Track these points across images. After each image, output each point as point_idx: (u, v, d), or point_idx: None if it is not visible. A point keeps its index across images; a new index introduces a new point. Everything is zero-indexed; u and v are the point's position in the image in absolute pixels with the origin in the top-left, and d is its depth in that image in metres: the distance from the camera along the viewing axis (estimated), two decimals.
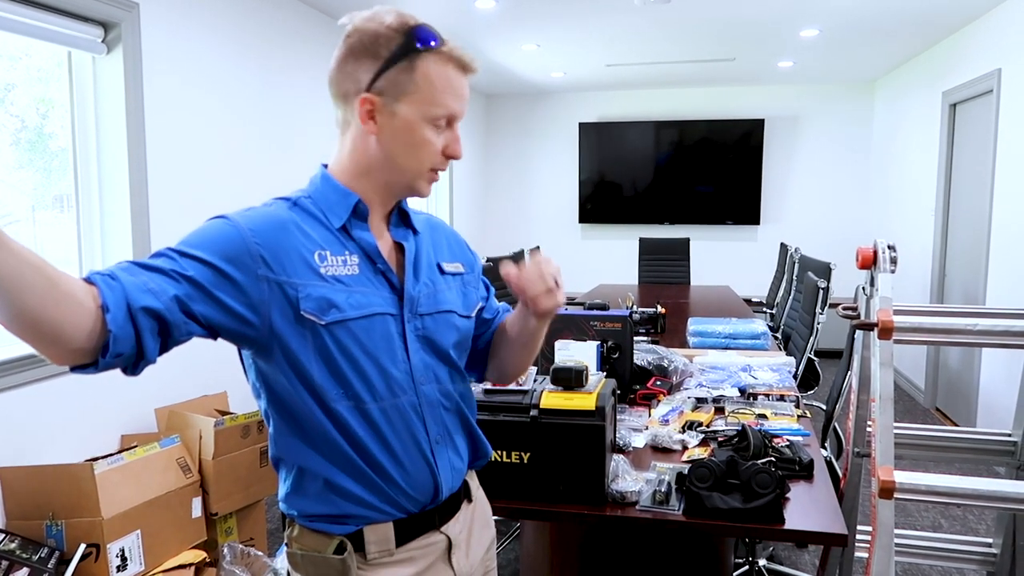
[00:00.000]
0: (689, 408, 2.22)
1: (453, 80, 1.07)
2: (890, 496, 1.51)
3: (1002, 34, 4.18)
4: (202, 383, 3.21)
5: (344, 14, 1.11)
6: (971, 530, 3.32)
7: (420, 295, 1.13)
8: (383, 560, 1.11)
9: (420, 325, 1.13)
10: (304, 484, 1.10)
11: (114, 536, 2.24)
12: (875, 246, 1.71)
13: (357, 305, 1.05)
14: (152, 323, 0.90)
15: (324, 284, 1.03)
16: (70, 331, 0.83)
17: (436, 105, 1.06)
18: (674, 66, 6.10)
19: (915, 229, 5.55)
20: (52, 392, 2.52)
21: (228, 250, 0.99)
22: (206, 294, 0.96)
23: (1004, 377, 4.02)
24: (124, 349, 0.88)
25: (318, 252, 1.05)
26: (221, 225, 1.01)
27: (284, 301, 1.01)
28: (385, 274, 1.10)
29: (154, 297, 0.90)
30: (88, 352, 0.86)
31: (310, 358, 1.03)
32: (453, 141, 1.10)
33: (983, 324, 1.58)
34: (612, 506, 1.61)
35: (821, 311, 3.20)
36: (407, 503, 1.11)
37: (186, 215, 3.15)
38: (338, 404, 1.05)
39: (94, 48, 2.76)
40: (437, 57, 1.05)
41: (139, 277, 0.91)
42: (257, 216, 1.04)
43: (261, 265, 1.00)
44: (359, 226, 1.10)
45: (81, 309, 0.83)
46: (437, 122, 1.07)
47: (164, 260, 0.96)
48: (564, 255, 7.54)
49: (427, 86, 1.05)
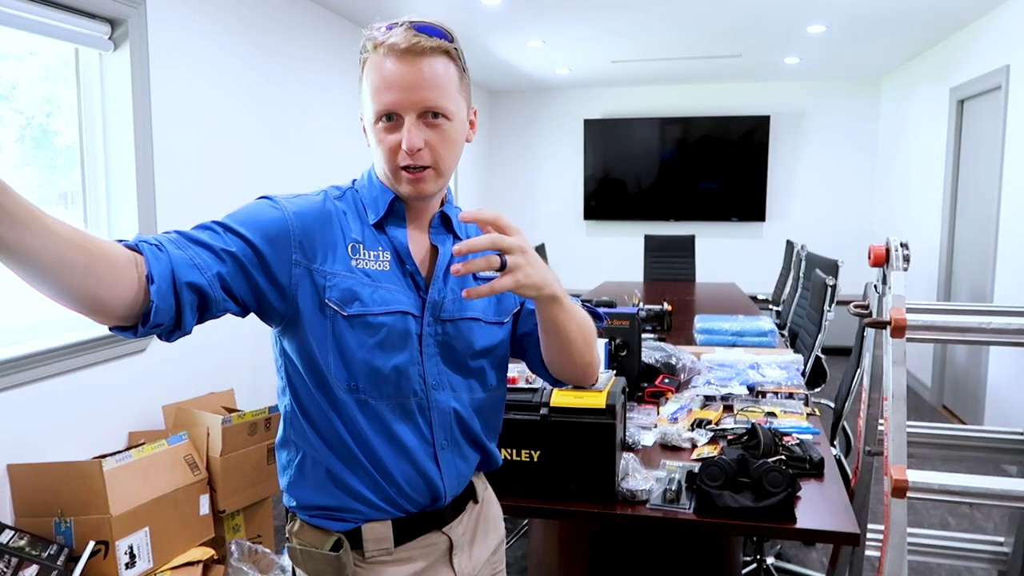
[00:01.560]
0: (698, 406, 2.22)
1: (381, 72, 1.02)
2: (903, 495, 1.51)
3: (1011, 30, 4.16)
4: (209, 381, 3.21)
5: (350, 11, 1.11)
6: (979, 528, 3.31)
7: (444, 300, 1.12)
8: (381, 559, 1.10)
9: (440, 331, 1.11)
10: (306, 471, 1.10)
11: (123, 533, 2.24)
12: (888, 244, 1.70)
13: (380, 301, 1.06)
14: (194, 297, 0.92)
15: (352, 276, 1.05)
16: (112, 303, 0.85)
17: (372, 103, 1.04)
18: (680, 62, 6.08)
19: (922, 226, 5.53)
20: (60, 389, 2.53)
21: (269, 231, 1.01)
22: (244, 272, 0.98)
23: (1012, 375, 4.00)
24: (163, 320, 0.90)
25: (352, 244, 1.07)
26: (267, 206, 1.04)
27: (311, 287, 1.03)
28: (412, 275, 1.10)
29: (199, 273, 0.93)
30: (129, 318, 0.88)
31: (328, 346, 1.04)
32: (405, 133, 1.01)
33: (997, 322, 1.57)
34: (622, 505, 1.60)
35: (829, 308, 3.18)
36: (406, 503, 1.11)
37: (193, 212, 3.14)
38: (346, 396, 1.06)
39: (101, 45, 2.76)
40: (374, 54, 1.04)
41: (187, 251, 0.93)
42: (303, 203, 1.06)
43: (296, 250, 1.02)
44: (394, 224, 1.11)
45: (123, 280, 0.85)
46: (379, 120, 1.04)
47: (210, 235, 0.98)
48: (569, 252, 7.53)
49: (369, 88, 1.05)
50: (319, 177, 4.08)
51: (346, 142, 4.46)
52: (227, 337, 3.32)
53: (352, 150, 4.50)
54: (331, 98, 4.31)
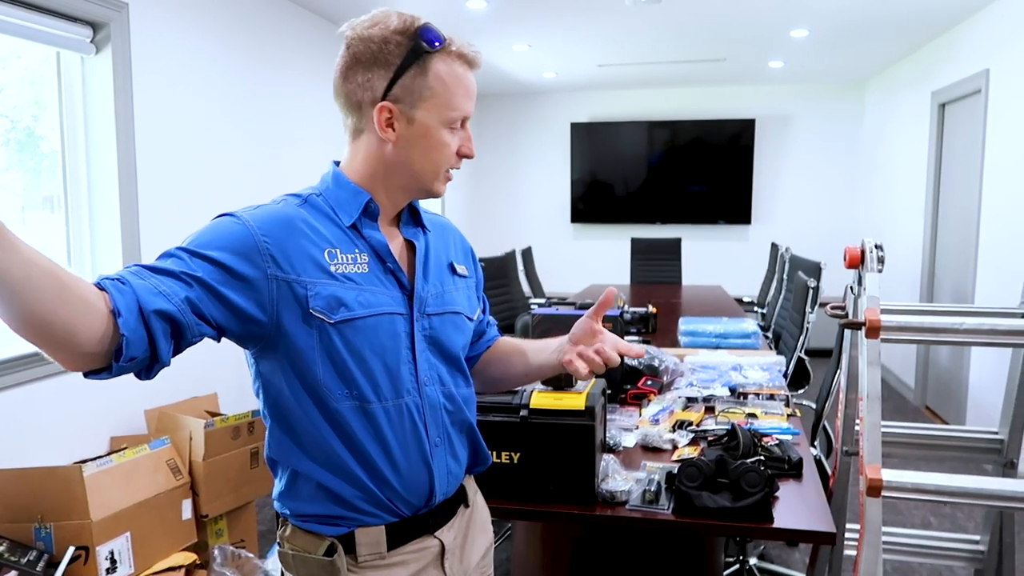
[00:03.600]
0: (679, 407, 2.23)
1: (463, 79, 1.08)
2: (877, 494, 1.52)
3: (990, 35, 4.21)
4: (192, 384, 3.20)
5: (335, 15, 1.12)
6: (960, 528, 3.34)
7: (429, 295, 1.13)
8: (374, 563, 1.10)
9: (428, 325, 1.12)
10: (297, 486, 1.10)
11: (103, 538, 2.23)
12: (863, 245, 1.72)
13: (366, 304, 1.05)
14: (164, 325, 0.90)
15: (334, 282, 1.03)
16: (82, 335, 0.82)
17: (451, 108, 1.07)
18: (665, 66, 6.11)
19: (905, 228, 5.58)
20: (41, 394, 2.51)
21: (238, 248, 0.98)
22: (215, 294, 0.96)
23: (993, 376, 4.04)
24: (137, 353, 0.87)
25: (328, 250, 1.05)
26: (229, 223, 1.01)
27: (293, 300, 1.01)
28: (395, 273, 1.10)
29: (165, 300, 0.90)
30: (101, 356, 0.86)
31: (316, 357, 1.03)
32: (467, 140, 1.12)
33: (969, 323, 1.59)
34: (602, 506, 1.61)
35: (811, 310, 3.21)
36: (400, 506, 1.11)
37: (176, 216, 3.13)
38: (341, 404, 1.05)
39: (83, 48, 2.75)
40: (446, 57, 1.07)
41: (149, 280, 0.91)
42: (265, 214, 1.03)
43: (270, 264, 1.00)
44: (369, 225, 1.10)
45: (93, 313, 0.83)
46: (453, 124, 1.08)
47: (174, 261, 0.95)
48: (556, 255, 7.54)
49: (442, 89, 1.06)
50: (302, 178, 4.05)
51: (329, 142, 4.46)
52: (210, 341, 3.31)
53: (335, 151, 4.49)
54: (314, 102, 4.30)
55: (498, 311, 4.40)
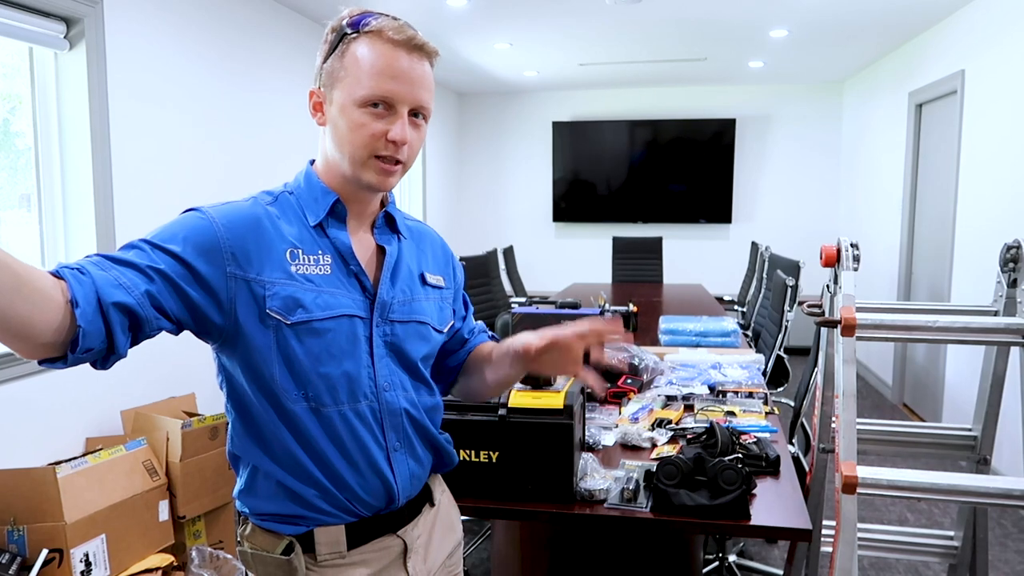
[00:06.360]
0: (659, 406, 2.23)
1: (386, 58, 1.03)
2: (853, 491, 1.54)
3: (965, 36, 4.26)
4: (169, 385, 3.17)
5: (311, 11, 1.12)
6: (936, 523, 3.38)
7: (394, 301, 1.12)
8: (334, 562, 1.09)
9: (389, 331, 1.11)
10: (257, 483, 1.09)
11: (78, 541, 2.20)
12: (838, 244, 1.73)
13: (324, 306, 1.04)
14: (123, 318, 0.89)
15: (293, 283, 1.02)
16: (39, 326, 0.81)
17: (362, 86, 1.03)
18: (646, 66, 6.13)
19: (883, 227, 5.64)
20: (14, 395, 2.47)
21: (200, 243, 0.98)
22: (175, 289, 0.95)
23: (968, 373, 4.10)
24: (94, 344, 0.86)
25: (290, 250, 1.04)
26: (194, 218, 1.01)
27: (250, 299, 1.00)
28: (358, 276, 1.09)
29: (125, 292, 0.89)
30: (57, 346, 0.85)
31: (272, 358, 1.02)
32: (395, 124, 1.03)
33: (942, 321, 1.61)
34: (581, 504, 1.61)
35: (790, 309, 3.23)
36: (360, 507, 1.10)
37: (151, 214, 3.10)
38: (296, 405, 1.04)
39: (56, 44, 2.71)
40: (368, 38, 1.04)
41: (110, 272, 0.89)
42: (231, 211, 1.03)
43: (231, 262, 0.99)
44: (335, 225, 1.09)
45: (50, 304, 0.82)
46: (367, 104, 1.03)
47: (136, 253, 0.94)
48: (538, 254, 7.55)
49: (355, 68, 1.03)
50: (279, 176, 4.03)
51: (307, 138, 4.42)
52: (187, 340, 3.27)
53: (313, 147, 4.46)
54: (291, 98, 4.27)
55: (480, 310, 4.40)
